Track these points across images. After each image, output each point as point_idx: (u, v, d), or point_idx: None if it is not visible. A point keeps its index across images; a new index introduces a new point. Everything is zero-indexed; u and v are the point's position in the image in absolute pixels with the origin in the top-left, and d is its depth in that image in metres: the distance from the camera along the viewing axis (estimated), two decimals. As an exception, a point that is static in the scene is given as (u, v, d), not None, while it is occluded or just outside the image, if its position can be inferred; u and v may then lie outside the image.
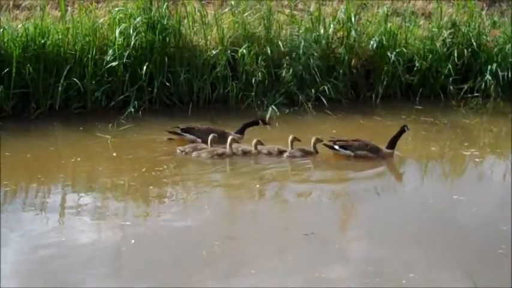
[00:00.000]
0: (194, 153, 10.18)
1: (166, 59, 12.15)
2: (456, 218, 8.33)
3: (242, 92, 12.48)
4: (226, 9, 13.53)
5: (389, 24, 13.94)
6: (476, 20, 14.68)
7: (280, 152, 10.37)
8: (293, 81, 12.71)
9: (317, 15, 13.64)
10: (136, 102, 11.76)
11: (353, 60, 13.58)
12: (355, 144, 10.33)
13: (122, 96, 11.93)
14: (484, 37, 14.56)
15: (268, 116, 11.88)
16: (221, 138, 10.60)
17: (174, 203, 8.55)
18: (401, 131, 10.49)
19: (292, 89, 12.67)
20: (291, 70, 12.71)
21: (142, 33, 12.12)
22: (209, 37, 12.84)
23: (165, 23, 12.31)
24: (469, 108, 13.52)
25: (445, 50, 14.07)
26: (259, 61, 12.54)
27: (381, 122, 12.49)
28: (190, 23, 12.86)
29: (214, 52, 12.50)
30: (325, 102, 12.69)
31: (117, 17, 12.24)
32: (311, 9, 13.77)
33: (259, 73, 12.49)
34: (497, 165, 10.78)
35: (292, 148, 10.34)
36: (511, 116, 13.06)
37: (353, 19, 13.58)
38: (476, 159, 10.77)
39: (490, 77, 13.83)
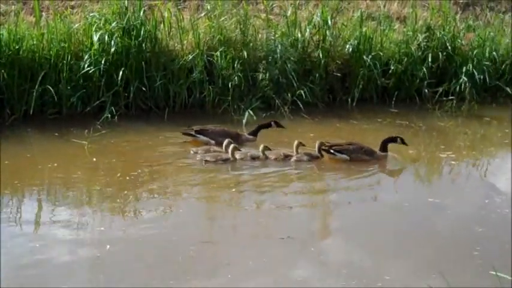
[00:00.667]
0: (199, 156, 10.21)
1: (142, 64, 12.11)
2: (431, 220, 8.36)
3: (219, 96, 12.49)
4: (203, 14, 13.55)
5: (364, 28, 14.04)
6: (451, 23, 14.82)
7: (286, 157, 10.42)
8: (269, 85, 12.75)
9: (293, 19, 13.69)
10: (112, 108, 11.71)
11: (329, 64, 13.64)
12: (351, 148, 10.45)
13: (98, 102, 11.88)
14: (459, 41, 14.70)
15: (244, 120, 11.91)
16: (235, 140, 10.72)
17: (151, 208, 8.50)
18: (394, 139, 10.65)
19: (269, 93, 12.71)
20: (267, 74, 12.74)
21: (118, 39, 12.07)
22: (185, 42, 12.83)
23: (140, 28, 12.27)
24: (444, 111, 13.64)
25: (420, 53, 14.23)
26: (235, 65, 12.56)
27: (357, 125, 12.56)
28: (167, 28, 12.83)
29: (190, 57, 12.48)
30: (301, 106, 12.75)
31: (93, 23, 12.18)
32: (287, 14, 13.80)
33: (236, 77, 12.50)
34: (472, 167, 10.84)
35: (297, 153, 10.41)
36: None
37: (329, 23, 13.64)
38: (453, 162, 10.84)
39: (465, 80, 13.96)
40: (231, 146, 10.27)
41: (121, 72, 11.85)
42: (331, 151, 10.42)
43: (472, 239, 7.70)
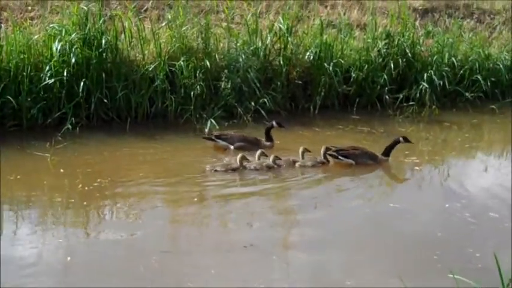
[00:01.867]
0: (208, 167, 10.23)
1: (103, 74, 12.03)
2: (392, 225, 8.46)
3: (181, 106, 12.47)
4: (164, 24, 13.53)
5: (325, 36, 14.14)
6: (410, 30, 15.00)
7: (294, 163, 10.61)
8: (232, 94, 12.76)
9: (254, 28, 13.74)
10: (73, 119, 11.60)
11: (291, 72, 13.72)
12: (357, 153, 10.76)
13: (59, 113, 11.75)
14: (418, 47, 14.89)
15: (207, 129, 11.92)
16: (254, 145, 11.07)
17: (113, 219, 8.48)
18: (397, 142, 10.96)
19: (231, 101, 12.72)
20: (229, 83, 12.75)
21: (79, 49, 12.00)
22: (147, 51, 12.79)
23: (101, 38, 12.22)
24: (405, 116, 13.80)
25: (380, 60, 14.38)
26: (197, 74, 12.54)
27: (319, 132, 12.64)
28: (128, 38, 12.78)
29: (152, 66, 12.44)
30: (264, 114, 12.79)
31: (53, 34, 12.09)
32: (248, 22, 13.85)
33: (198, 86, 12.48)
34: (434, 172, 10.98)
35: (303, 158, 10.62)
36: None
37: (290, 31, 13.73)
38: (415, 167, 10.96)
39: (425, 86, 14.14)
40: (239, 155, 10.36)
41: (82, 83, 11.76)
42: (338, 156, 10.67)
43: (432, 243, 7.81)
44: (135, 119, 12.40)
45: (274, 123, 11.59)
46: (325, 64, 13.71)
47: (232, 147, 11.25)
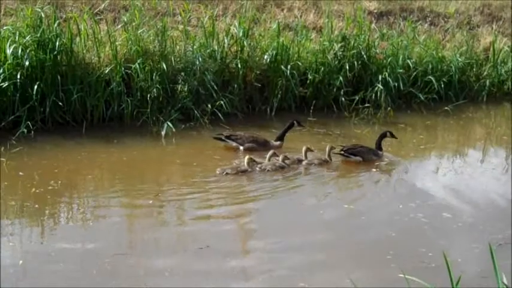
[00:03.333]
0: (218, 170, 10.26)
1: (58, 77, 11.91)
2: (346, 226, 8.55)
3: (137, 108, 12.41)
4: (119, 26, 13.46)
5: (282, 39, 14.20)
6: (366, 33, 15.15)
7: (299, 161, 10.90)
8: (189, 96, 12.74)
9: (211, 30, 13.74)
10: (28, 122, 11.47)
11: (248, 75, 13.76)
12: (363, 150, 11.26)
13: (13, 117, 11.59)
14: (374, 49, 15.04)
15: (163, 132, 11.89)
16: (263, 146, 11.44)
17: (68, 222, 8.43)
18: (384, 135, 11.59)
19: (188, 104, 12.70)
20: (186, 86, 12.74)
21: (33, 52, 11.87)
22: (102, 54, 12.70)
23: (56, 41, 12.10)
24: (360, 118, 13.93)
25: (336, 62, 14.48)
26: (154, 77, 12.49)
27: (276, 133, 12.63)
28: (83, 41, 12.68)
29: (107, 69, 12.35)
30: (221, 116, 12.80)
31: (6, 36, 11.94)
32: (205, 25, 13.85)
33: (154, 89, 12.44)
34: (389, 173, 11.11)
35: (306, 157, 10.89)
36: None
37: (246, 34, 13.77)
38: (371, 169, 11.08)
39: (380, 88, 14.29)
40: (246, 157, 10.49)
41: (36, 86, 11.63)
42: (345, 154, 11.08)
43: (385, 243, 7.92)
44: (91, 122, 12.30)
45: (295, 122, 11.96)
46: (282, 66, 13.78)
47: (242, 147, 11.47)
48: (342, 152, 11.12)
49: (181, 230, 8.37)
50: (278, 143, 11.71)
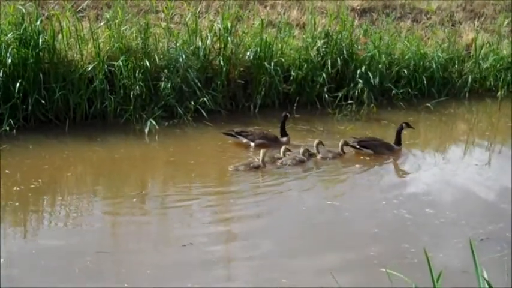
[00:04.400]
0: (231, 167, 10.36)
1: (40, 75, 11.86)
2: (329, 222, 8.57)
3: (120, 106, 12.37)
4: (102, 23, 13.40)
5: (265, 36, 14.20)
6: (348, 29, 15.18)
7: (310, 155, 11.09)
8: (172, 94, 12.71)
9: (194, 27, 13.72)
10: (10, 120, 11.41)
11: (231, 72, 13.75)
12: (376, 143, 11.59)
13: (-5, 115, 11.57)
14: (356, 46, 15.07)
15: (147, 129, 11.87)
16: (274, 142, 11.61)
17: (50, 220, 8.41)
18: (401, 129, 11.82)
19: (171, 101, 12.68)
20: (169, 83, 12.71)
21: (15, 50, 11.81)
22: (85, 52, 12.63)
23: (38, 38, 12.04)
24: (344, 115, 13.94)
25: (319, 59, 14.50)
26: (137, 74, 12.45)
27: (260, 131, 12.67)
28: (65, 38, 12.62)
29: (90, 66, 12.30)
30: (204, 113, 12.78)
31: (-13, 34, 11.88)
32: (188, 22, 13.82)
33: (138, 86, 12.41)
34: (372, 169, 11.14)
35: (318, 151, 11.11)
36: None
37: (230, 31, 13.76)
38: (355, 165, 11.12)
39: (362, 84, 14.32)
40: (261, 151, 10.57)
41: (18, 84, 11.58)
42: (357, 146, 11.41)
43: (368, 239, 7.96)
44: (74, 120, 12.25)
45: (287, 114, 12.09)
46: (265, 63, 13.78)
47: (252, 144, 11.60)
48: (354, 144, 11.42)
49: (165, 228, 8.37)
50: (285, 138, 11.84)
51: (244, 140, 11.68)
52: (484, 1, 20.31)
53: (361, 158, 11.40)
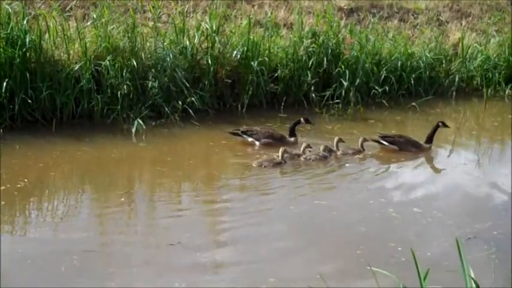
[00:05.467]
0: (255, 163, 10.60)
1: (27, 74, 11.80)
2: (316, 222, 8.58)
3: (107, 106, 12.32)
4: (89, 23, 13.36)
5: (252, 35, 14.20)
6: (335, 29, 15.20)
7: (330, 151, 11.32)
8: (159, 93, 12.69)
9: (181, 27, 13.69)
10: (-3, 120, 11.39)
11: (218, 71, 13.73)
12: (401, 140, 11.76)
13: (-19, 115, 11.50)
14: (343, 46, 15.09)
15: (134, 129, 11.83)
16: (279, 142, 11.64)
17: (37, 219, 8.37)
18: (436, 127, 11.97)
19: (159, 101, 12.66)
20: (157, 82, 12.69)
21: (1, 49, 11.75)
22: (72, 51, 12.58)
23: (25, 37, 11.98)
24: (331, 114, 13.97)
25: (306, 58, 14.51)
26: (124, 74, 12.42)
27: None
28: (52, 37, 12.57)
29: (77, 66, 12.25)
30: (192, 113, 12.77)
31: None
32: (175, 22, 13.80)
33: (125, 86, 12.38)
34: (360, 169, 11.16)
35: (338, 148, 11.36)
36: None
37: (217, 30, 13.74)
38: (342, 164, 11.14)
39: (348, 84, 14.35)
40: (281, 149, 10.82)
41: (5, 84, 11.53)
42: (383, 142, 11.66)
43: (355, 238, 7.97)
44: (61, 119, 12.18)
45: (302, 119, 12.13)
46: (252, 63, 13.76)
47: (258, 143, 11.64)
48: (379, 140, 11.59)
49: (152, 227, 8.36)
50: (293, 138, 11.90)
51: (250, 139, 11.72)
52: (471, 1, 20.41)
53: (381, 155, 11.71)
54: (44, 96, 11.93)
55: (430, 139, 11.93)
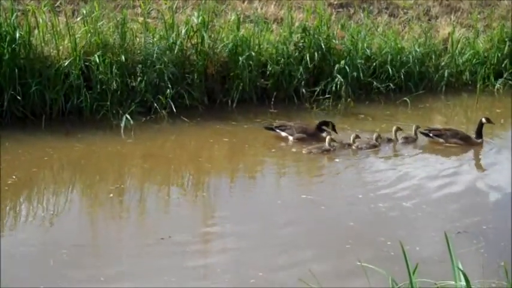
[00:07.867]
0: (305, 150, 11.10)
1: (16, 70, 11.73)
2: (304, 216, 8.59)
3: (97, 102, 12.25)
4: (79, 19, 13.31)
5: (242, 30, 14.18)
6: (326, 24, 15.19)
7: (389, 141, 11.94)
8: (149, 89, 12.66)
9: (171, 22, 13.66)
10: (-15, 117, 11.34)
11: (208, 67, 13.70)
12: (448, 133, 11.90)
13: (-30, 112, 11.45)
14: (334, 40, 15.09)
15: (122, 125, 11.78)
16: (313, 137, 11.79)
17: (26, 215, 8.37)
18: (481, 123, 12.03)
19: (148, 97, 12.63)
20: (146, 78, 12.66)
21: (-10, 45, 11.73)
22: (61, 47, 12.54)
23: (14, 34, 11.92)
24: (321, 109, 13.95)
25: (296, 54, 14.51)
26: (113, 70, 12.38)
27: (237, 126, 12.67)
28: (41, 33, 12.51)
29: (66, 62, 12.20)
30: (181, 109, 12.72)
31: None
32: (165, 17, 13.76)
33: (114, 82, 12.34)
34: (349, 163, 11.19)
35: (396, 138, 11.92)
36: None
37: (206, 26, 13.71)
38: (336, 160, 11.16)
39: (339, 79, 14.35)
40: (328, 137, 11.31)
41: (-6, 80, 11.51)
42: (430, 135, 11.92)
43: (344, 233, 7.99)
44: (50, 115, 12.12)
45: (330, 123, 12.10)
46: (242, 58, 13.72)
47: (291, 138, 11.69)
48: (428, 133, 11.93)
49: (142, 221, 8.38)
50: (325, 133, 11.90)
51: (283, 134, 11.79)
52: (461, -4, 20.43)
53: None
54: (33, 92, 11.88)
55: (479, 134, 12.02)
